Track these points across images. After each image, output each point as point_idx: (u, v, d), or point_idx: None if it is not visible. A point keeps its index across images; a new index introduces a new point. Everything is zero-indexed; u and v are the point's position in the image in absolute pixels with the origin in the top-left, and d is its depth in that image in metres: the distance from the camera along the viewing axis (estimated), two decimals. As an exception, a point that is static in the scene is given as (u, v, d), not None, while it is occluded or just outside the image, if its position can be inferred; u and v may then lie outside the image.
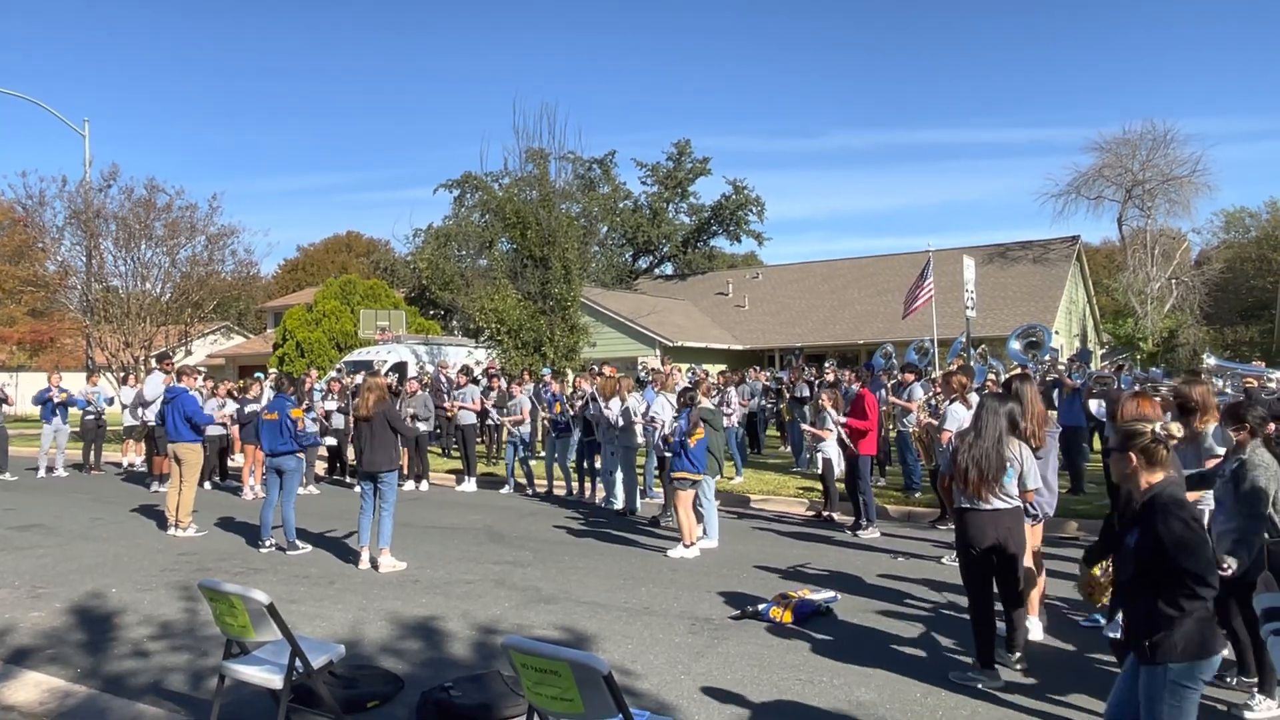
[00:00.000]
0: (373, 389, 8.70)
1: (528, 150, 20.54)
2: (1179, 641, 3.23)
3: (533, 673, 3.25)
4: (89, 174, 25.88)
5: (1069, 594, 7.11)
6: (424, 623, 6.54)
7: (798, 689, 5.13)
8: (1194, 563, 3.20)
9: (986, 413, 5.26)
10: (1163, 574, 3.27)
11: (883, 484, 12.86)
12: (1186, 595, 3.23)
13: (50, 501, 12.87)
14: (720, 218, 45.16)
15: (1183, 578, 3.22)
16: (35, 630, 6.45)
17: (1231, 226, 48.46)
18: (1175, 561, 3.22)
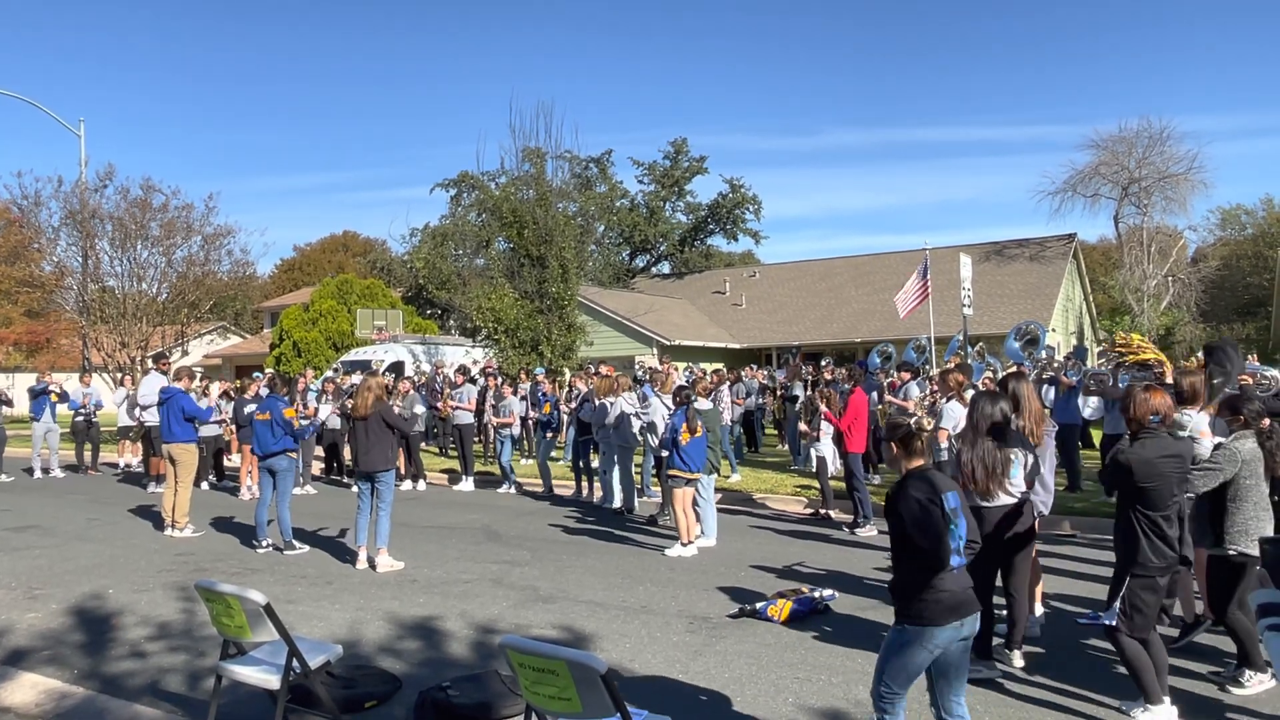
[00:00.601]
0: (371, 388, 8.68)
1: (524, 149, 20.57)
2: (912, 607, 3.68)
3: (530, 672, 3.25)
4: (85, 174, 25.86)
5: (1067, 590, 7.13)
6: (422, 622, 6.54)
7: (796, 687, 5.13)
8: (925, 539, 3.62)
9: (980, 412, 5.29)
10: (903, 548, 3.76)
11: (878, 482, 12.88)
12: (921, 567, 3.68)
13: (46, 502, 12.85)
14: (717, 216, 45.17)
15: (916, 552, 3.68)
16: (32, 631, 6.44)
17: (1228, 224, 48.63)
18: (911, 538, 3.68)
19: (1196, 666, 5.37)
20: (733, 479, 13.28)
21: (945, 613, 3.64)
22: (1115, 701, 4.78)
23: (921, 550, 3.66)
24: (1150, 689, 4.45)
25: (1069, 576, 7.67)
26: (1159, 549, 4.48)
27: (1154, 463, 4.48)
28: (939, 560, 3.62)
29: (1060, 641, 5.90)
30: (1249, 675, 4.91)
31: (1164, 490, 4.51)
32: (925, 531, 3.64)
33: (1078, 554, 8.62)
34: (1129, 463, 4.51)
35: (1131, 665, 4.48)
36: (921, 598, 3.67)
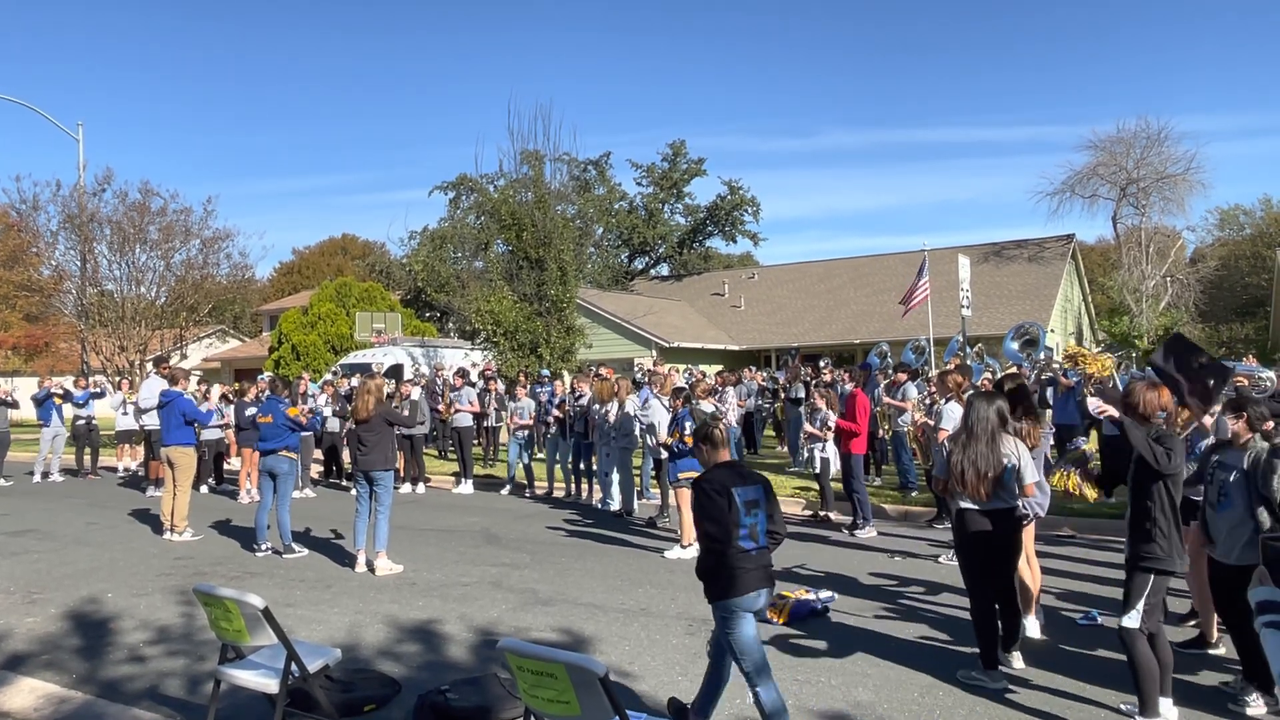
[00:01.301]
0: (371, 391, 8.69)
1: (523, 152, 20.54)
2: (712, 585, 4.23)
3: (529, 675, 3.25)
4: (83, 178, 25.86)
5: (1064, 589, 7.13)
6: (421, 626, 6.53)
7: (795, 689, 5.13)
8: (709, 525, 4.22)
9: (975, 413, 5.25)
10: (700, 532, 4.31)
11: (879, 483, 12.87)
12: (709, 550, 4.24)
13: (45, 506, 12.84)
14: (716, 218, 45.19)
15: (703, 539, 4.27)
16: (30, 636, 6.43)
17: (1226, 224, 48.67)
18: (701, 524, 4.25)
19: (1206, 674, 5.36)
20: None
21: (743, 585, 4.18)
22: (1114, 702, 4.78)
23: (709, 535, 4.23)
24: (1150, 700, 4.38)
25: (1067, 577, 7.67)
26: (1178, 545, 4.42)
27: (1181, 452, 4.43)
28: (724, 543, 4.18)
29: (1059, 642, 5.89)
30: (1254, 695, 4.82)
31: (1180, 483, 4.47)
32: (709, 517, 4.22)
33: (1076, 555, 8.63)
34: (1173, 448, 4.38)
35: (1139, 671, 4.40)
36: (722, 574, 4.21)
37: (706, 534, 4.26)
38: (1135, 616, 4.42)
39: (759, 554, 4.25)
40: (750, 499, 4.26)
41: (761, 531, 4.28)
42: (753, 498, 4.27)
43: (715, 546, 4.22)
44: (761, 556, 4.27)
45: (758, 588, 4.21)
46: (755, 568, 4.21)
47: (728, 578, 4.18)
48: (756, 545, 4.25)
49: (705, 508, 4.25)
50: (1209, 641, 5.70)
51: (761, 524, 4.28)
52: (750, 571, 4.19)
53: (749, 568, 4.19)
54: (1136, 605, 4.44)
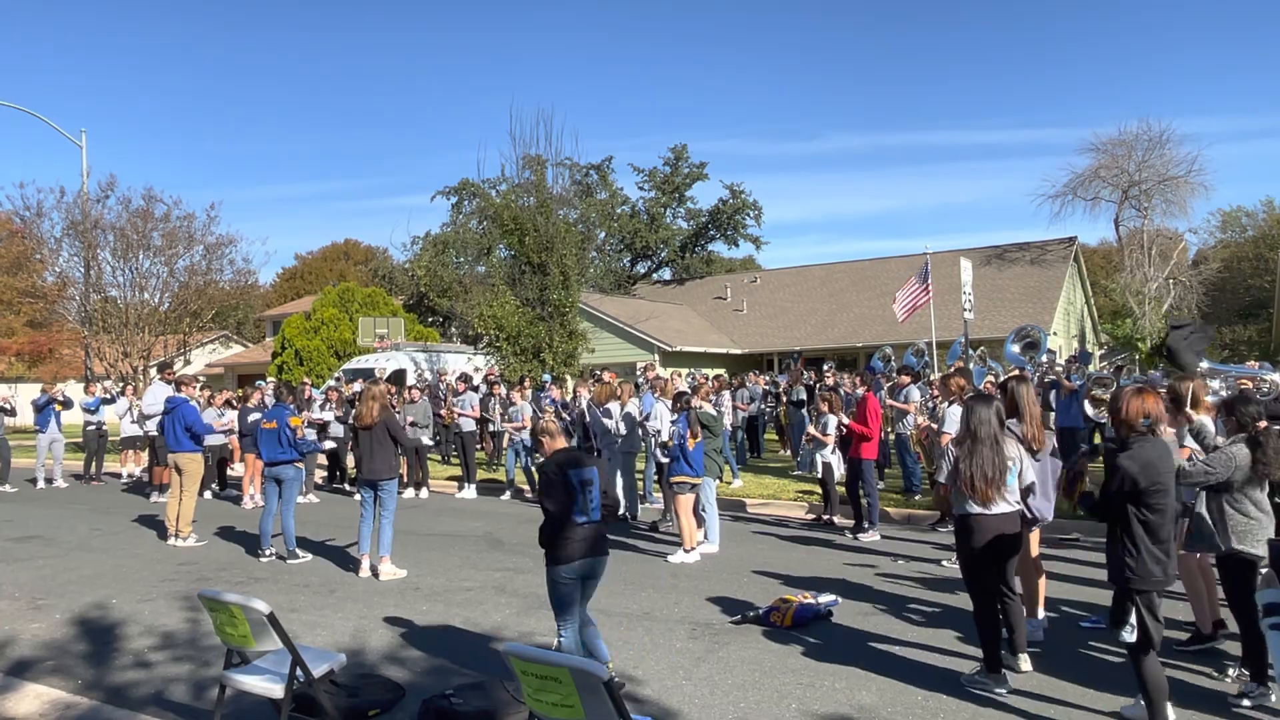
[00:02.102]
0: (375, 397, 8.71)
1: (525, 157, 20.60)
2: (551, 551, 5.00)
3: (533, 679, 3.26)
4: (86, 185, 25.93)
5: (1070, 594, 7.13)
6: (425, 630, 6.54)
7: (799, 693, 5.14)
8: (550, 503, 4.96)
9: (976, 417, 5.24)
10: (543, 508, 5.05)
11: (882, 487, 12.85)
12: (550, 522, 5.00)
13: (49, 513, 12.86)
14: (718, 222, 45.19)
15: (547, 512, 5.02)
16: (36, 642, 6.45)
17: (1228, 226, 48.61)
18: (543, 502, 5.03)
19: (1204, 669, 5.36)
20: (734, 484, 13.28)
21: (575, 552, 4.98)
22: (1118, 705, 4.77)
23: (549, 511, 4.98)
24: (1160, 712, 4.27)
25: (1072, 581, 7.66)
26: (1159, 559, 4.29)
27: (1155, 464, 4.31)
28: (561, 518, 4.97)
29: (1064, 645, 5.89)
30: (1256, 689, 4.82)
31: (1167, 495, 4.36)
32: (550, 497, 5.00)
33: (1081, 558, 8.63)
34: (1132, 469, 4.26)
35: (1150, 688, 4.30)
36: (558, 543, 4.97)
37: (547, 510, 5.03)
38: (1131, 631, 4.31)
39: (592, 526, 5.05)
40: (585, 479, 5.03)
41: (594, 506, 5.04)
42: (587, 478, 5.03)
43: (555, 520, 5.01)
44: (594, 528, 5.07)
45: (586, 555, 5.02)
46: (586, 538, 5.03)
47: (563, 546, 4.99)
48: (589, 519, 5.04)
49: (546, 488, 5.03)
50: (1204, 636, 5.73)
51: (594, 500, 5.04)
52: (581, 541, 5.01)
53: (579, 538, 5.00)
54: (1130, 619, 4.33)
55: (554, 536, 4.99)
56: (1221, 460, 4.98)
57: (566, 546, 4.98)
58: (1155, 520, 4.32)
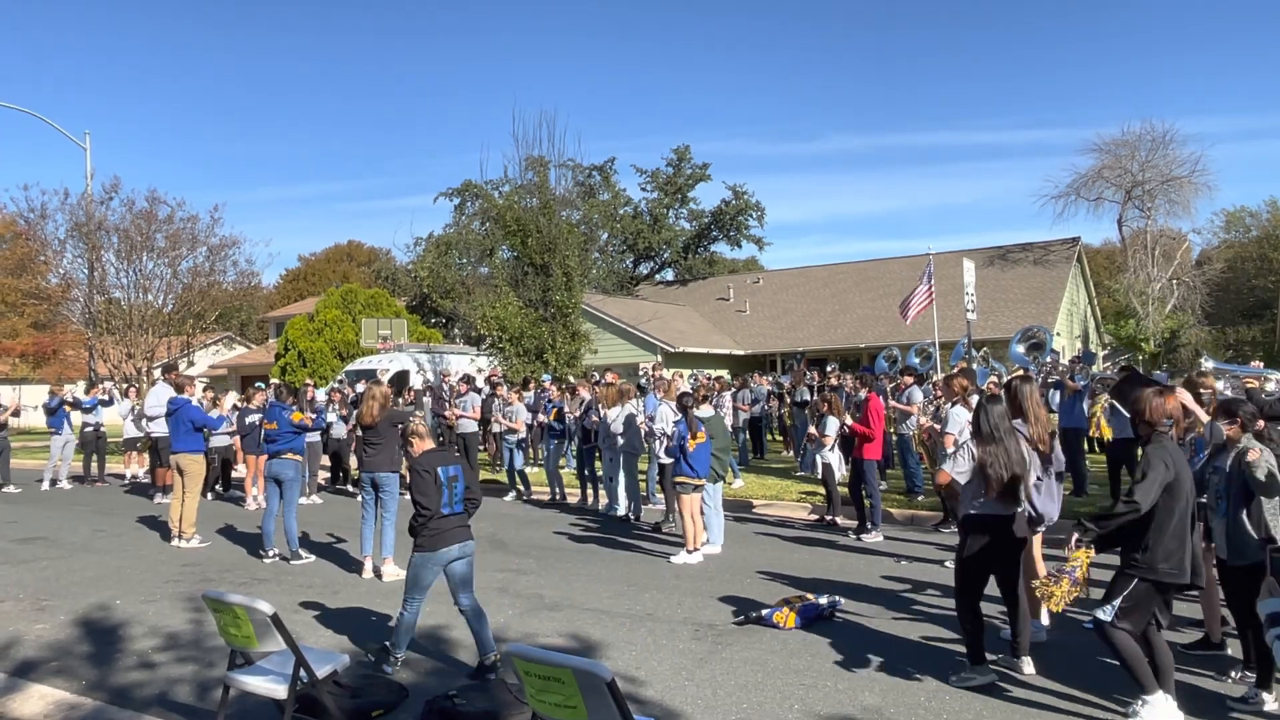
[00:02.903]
0: (376, 396, 8.73)
1: (528, 158, 20.62)
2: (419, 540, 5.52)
3: (536, 680, 3.26)
4: (90, 186, 25.98)
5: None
6: (428, 631, 6.55)
7: (802, 693, 5.13)
8: (419, 496, 5.49)
9: (991, 419, 5.24)
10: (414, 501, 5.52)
11: (884, 488, 12.83)
12: (418, 514, 5.51)
13: (53, 514, 12.89)
14: (720, 223, 45.22)
15: (415, 506, 5.51)
16: (40, 643, 6.46)
17: (1232, 226, 48.45)
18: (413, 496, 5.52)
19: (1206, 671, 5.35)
20: (735, 485, 13.27)
21: (441, 542, 5.53)
22: (1121, 706, 4.77)
23: (418, 504, 5.52)
24: (1145, 679, 4.40)
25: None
26: (1174, 554, 4.36)
27: (1179, 460, 4.41)
28: (428, 510, 5.52)
29: (1067, 645, 5.88)
30: (1260, 696, 4.81)
31: (1188, 493, 4.43)
32: (419, 490, 5.52)
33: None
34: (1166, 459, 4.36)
35: (1123, 657, 4.42)
36: (424, 534, 5.52)
37: (416, 503, 5.55)
38: (1109, 610, 4.45)
39: (456, 517, 5.65)
40: (451, 475, 5.64)
41: (458, 499, 5.65)
42: (453, 474, 5.65)
43: (424, 512, 5.55)
44: (459, 519, 5.67)
45: (452, 543, 5.59)
46: (452, 528, 5.62)
47: (430, 536, 5.55)
48: (453, 510, 5.63)
49: (415, 484, 5.56)
50: (1214, 642, 5.70)
51: (459, 494, 5.65)
52: (448, 531, 5.59)
53: (447, 528, 5.59)
54: (1114, 601, 4.46)
55: (423, 527, 5.57)
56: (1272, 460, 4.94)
57: (435, 536, 5.56)
58: (1171, 514, 4.38)
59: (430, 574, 5.60)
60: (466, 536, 5.71)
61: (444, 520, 5.57)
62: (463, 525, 5.70)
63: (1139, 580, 4.42)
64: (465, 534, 5.71)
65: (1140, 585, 4.41)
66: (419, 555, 5.56)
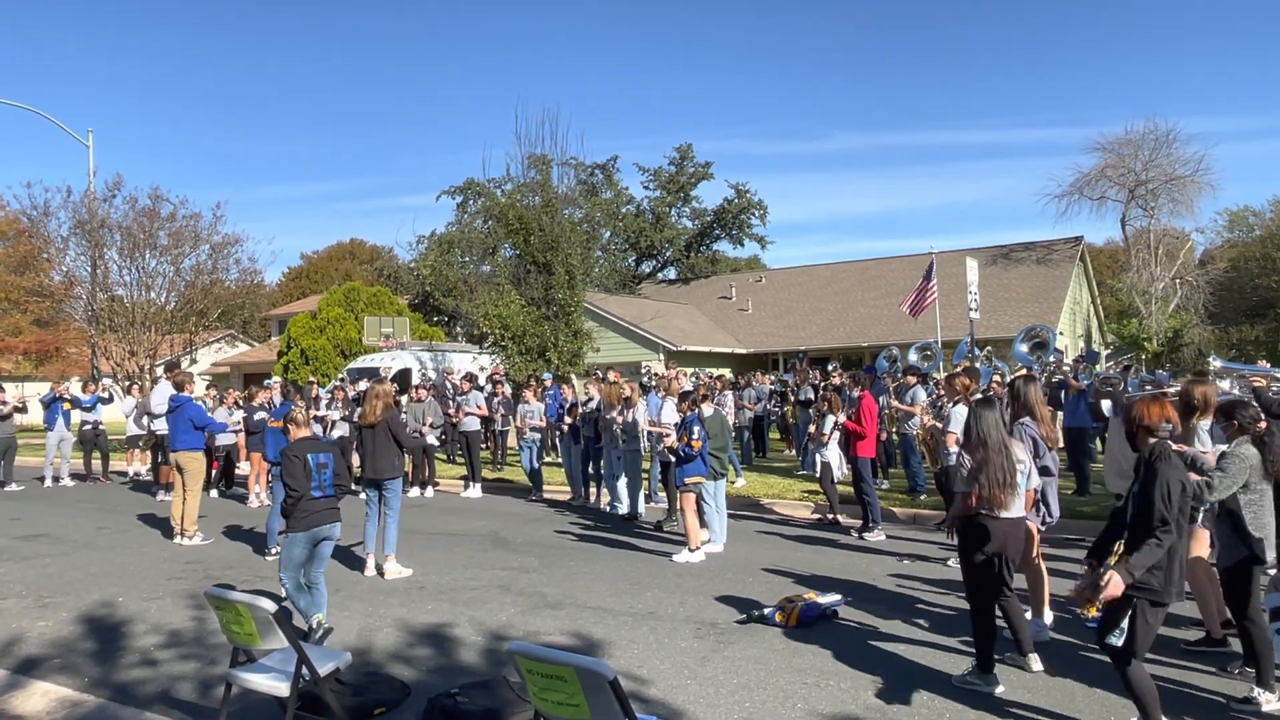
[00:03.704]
0: (379, 396, 8.72)
1: (530, 156, 20.58)
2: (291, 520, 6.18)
3: (539, 678, 3.26)
4: (93, 184, 26.00)
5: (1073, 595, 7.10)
6: (430, 629, 6.55)
7: (804, 693, 5.13)
8: (290, 480, 6.14)
9: (984, 423, 5.21)
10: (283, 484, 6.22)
11: (887, 487, 12.84)
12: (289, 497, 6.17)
13: (56, 511, 12.90)
14: (723, 222, 45.15)
15: (286, 490, 6.16)
16: (43, 640, 6.47)
17: (1235, 226, 48.36)
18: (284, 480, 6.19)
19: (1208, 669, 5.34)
20: (738, 484, 13.26)
21: (312, 523, 6.15)
22: (1122, 707, 4.75)
23: (290, 487, 6.12)
24: (1153, 713, 4.22)
25: (1077, 579, 7.62)
26: (1171, 574, 4.25)
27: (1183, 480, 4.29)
28: (295, 492, 6.09)
29: (1069, 645, 5.88)
30: (1259, 693, 4.81)
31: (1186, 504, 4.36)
32: (290, 475, 6.12)
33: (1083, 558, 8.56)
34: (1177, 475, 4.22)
35: (1138, 692, 4.23)
36: (296, 515, 6.09)
37: (288, 486, 6.14)
38: (1119, 635, 4.25)
39: (326, 500, 6.25)
40: (320, 462, 6.23)
41: (328, 484, 6.26)
42: (323, 461, 6.23)
43: (293, 495, 6.15)
44: (329, 501, 6.27)
45: (321, 523, 6.20)
46: (322, 509, 6.22)
47: (301, 516, 6.14)
48: (324, 494, 6.23)
49: (286, 468, 6.15)
50: (1214, 639, 5.70)
51: (329, 479, 6.25)
52: (317, 513, 6.18)
53: (317, 510, 6.18)
54: (1121, 623, 4.26)
55: (294, 508, 6.15)
56: (1236, 465, 4.97)
57: (305, 517, 6.14)
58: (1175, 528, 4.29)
59: (301, 551, 6.15)
60: (335, 519, 6.34)
61: (314, 503, 6.17)
62: (332, 508, 6.31)
63: (1140, 601, 4.27)
64: (334, 516, 6.34)
65: (1143, 606, 4.29)
66: (291, 535, 6.12)
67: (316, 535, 6.18)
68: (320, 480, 6.19)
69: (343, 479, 6.38)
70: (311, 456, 6.18)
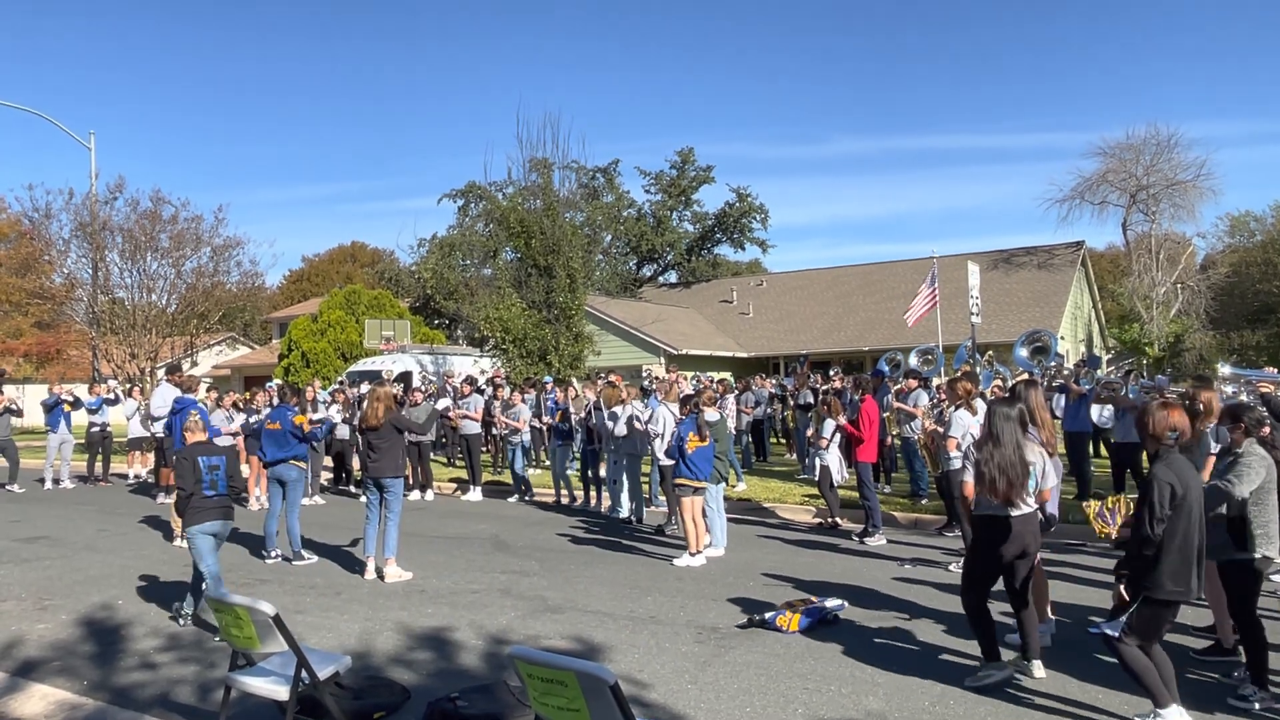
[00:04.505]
0: (381, 398, 8.71)
1: (531, 160, 20.57)
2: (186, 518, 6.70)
3: (539, 683, 3.24)
4: (95, 187, 26.02)
5: (1076, 598, 7.09)
6: (431, 633, 6.54)
7: (805, 697, 5.11)
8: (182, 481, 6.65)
9: (1000, 419, 5.25)
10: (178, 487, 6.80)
11: (888, 491, 12.83)
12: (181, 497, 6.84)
13: (56, 513, 12.90)
14: (724, 225, 45.17)
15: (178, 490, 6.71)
16: (42, 642, 6.46)
17: (1236, 230, 48.38)
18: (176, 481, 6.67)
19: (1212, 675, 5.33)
20: (739, 488, 13.25)
21: (203, 518, 6.61)
22: (1128, 710, 4.74)
23: (182, 488, 6.65)
24: (1157, 691, 4.35)
25: (1078, 584, 7.62)
26: (1179, 573, 4.29)
27: (1186, 474, 4.34)
28: (183, 490, 6.63)
29: (1072, 648, 5.86)
30: (1254, 692, 4.81)
31: (1196, 507, 4.36)
32: (180, 476, 6.64)
33: (1087, 562, 8.56)
34: (1169, 478, 4.28)
35: (1134, 671, 4.37)
36: (189, 511, 6.64)
37: (180, 487, 6.68)
38: (1116, 626, 4.39)
39: (217, 498, 6.69)
40: (212, 464, 6.69)
41: (220, 483, 6.69)
42: (214, 463, 6.69)
43: (180, 492, 6.74)
44: (220, 499, 6.70)
45: (213, 519, 6.66)
46: (212, 506, 6.66)
47: (194, 513, 6.61)
48: (216, 493, 6.67)
49: (177, 469, 6.67)
50: (1226, 647, 5.67)
51: (220, 479, 6.70)
52: (209, 509, 6.64)
53: (208, 507, 6.64)
54: (1121, 618, 4.39)
55: (186, 506, 6.69)
56: (1256, 460, 4.93)
57: (196, 512, 6.62)
58: (1176, 532, 4.30)
59: (203, 540, 6.63)
60: (225, 515, 6.76)
61: (204, 500, 6.65)
62: (223, 505, 6.75)
63: (1146, 599, 4.34)
64: (224, 513, 6.75)
65: (1147, 604, 4.32)
66: (190, 530, 6.68)
67: (209, 529, 6.65)
68: (212, 480, 6.65)
69: (235, 481, 6.93)
70: (202, 459, 6.65)
